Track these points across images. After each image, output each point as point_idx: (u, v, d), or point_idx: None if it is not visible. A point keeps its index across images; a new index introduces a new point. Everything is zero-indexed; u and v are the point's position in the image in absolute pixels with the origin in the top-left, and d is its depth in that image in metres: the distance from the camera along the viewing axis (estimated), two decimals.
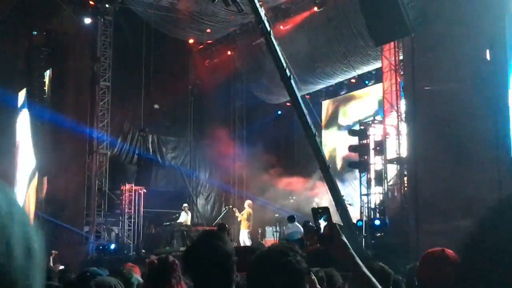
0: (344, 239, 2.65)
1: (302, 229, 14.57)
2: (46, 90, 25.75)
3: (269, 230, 20.95)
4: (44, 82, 25.81)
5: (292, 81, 14.70)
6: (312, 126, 14.77)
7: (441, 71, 13.99)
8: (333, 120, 25.85)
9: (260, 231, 21.38)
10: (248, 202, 20.97)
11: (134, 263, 6.78)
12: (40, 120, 25.23)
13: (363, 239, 16.10)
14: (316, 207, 3.61)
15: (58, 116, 23.79)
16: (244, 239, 20.03)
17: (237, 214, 20.87)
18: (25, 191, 25.91)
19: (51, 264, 15.35)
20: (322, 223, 2.73)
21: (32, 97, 25.80)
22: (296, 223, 15.75)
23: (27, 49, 25.97)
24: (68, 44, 24.43)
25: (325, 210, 2.79)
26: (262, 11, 14.52)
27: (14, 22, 24.33)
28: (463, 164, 13.18)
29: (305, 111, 14.81)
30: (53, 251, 17.23)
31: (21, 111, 27.26)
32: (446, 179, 13.57)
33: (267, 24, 14.47)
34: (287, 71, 14.69)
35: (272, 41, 14.49)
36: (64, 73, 24.73)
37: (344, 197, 15.25)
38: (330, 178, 14.66)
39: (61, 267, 13.62)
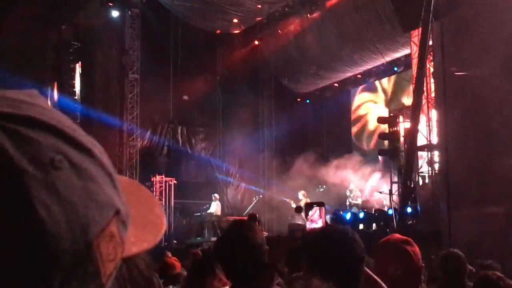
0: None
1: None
2: (76, 83, 25.96)
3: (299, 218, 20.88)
4: (74, 75, 26.01)
5: (430, 27, 14.33)
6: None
7: (472, 55, 13.80)
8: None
9: (290, 219, 21.33)
10: (302, 192, 20.67)
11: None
12: (70, 113, 25.44)
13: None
14: (311, 202, 3.64)
15: (88, 109, 24.00)
16: None
17: (294, 206, 20.40)
18: None
19: None
20: (316, 218, 2.81)
21: (61, 91, 26.03)
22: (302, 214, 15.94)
23: (56, 43, 26.16)
24: (96, 37, 24.58)
25: (320, 205, 2.87)
26: None
27: (43, 16, 24.55)
28: (495, 150, 13.02)
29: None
30: None
31: (51, 104, 27.53)
32: (478, 165, 13.41)
33: None
34: (431, 16, 14.29)
35: None
36: (93, 66, 24.90)
37: None
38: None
39: None
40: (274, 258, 3.09)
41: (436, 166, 16.55)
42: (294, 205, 20.21)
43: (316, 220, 16.80)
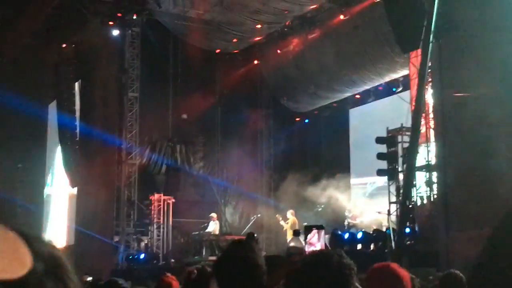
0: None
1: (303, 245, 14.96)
2: (75, 102, 26.03)
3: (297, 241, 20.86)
4: (73, 93, 26.09)
5: (430, 47, 14.17)
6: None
7: (470, 77, 13.86)
8: None
9: (287, 242, 21.32)
10: (291, 211, 20.70)
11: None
12: (70, 132, 25.52)
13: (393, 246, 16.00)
14: (310, 224, 3.65)
15: (87, 127, 24.05)
16: None
17: (282, 223, 20.55)
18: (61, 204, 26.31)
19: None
20: (314, 242, 2.80)
21: (61, 109, 26.10)
22: (300, 238, 15.94)
23: (56, 62, 26.28)
24: (96, 56, 24.67)
25: (319, 228, 2.85)
26: None
27: (43, 35, 24.67)
28: (494, 170, 13.04)
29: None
30: None
31: (52, 123, 27.60)
32: (476, 186, 13.42)
33: None
34: (432, 36, 14.16)
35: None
36: (93, 85, 24.97)
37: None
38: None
39: (89, 278, 13.52)
40: (273, 279, 3.10)
41: (435, 186, 16.54)
42: (282, 222, 20.42)
43: (314, 243, 16.72)
